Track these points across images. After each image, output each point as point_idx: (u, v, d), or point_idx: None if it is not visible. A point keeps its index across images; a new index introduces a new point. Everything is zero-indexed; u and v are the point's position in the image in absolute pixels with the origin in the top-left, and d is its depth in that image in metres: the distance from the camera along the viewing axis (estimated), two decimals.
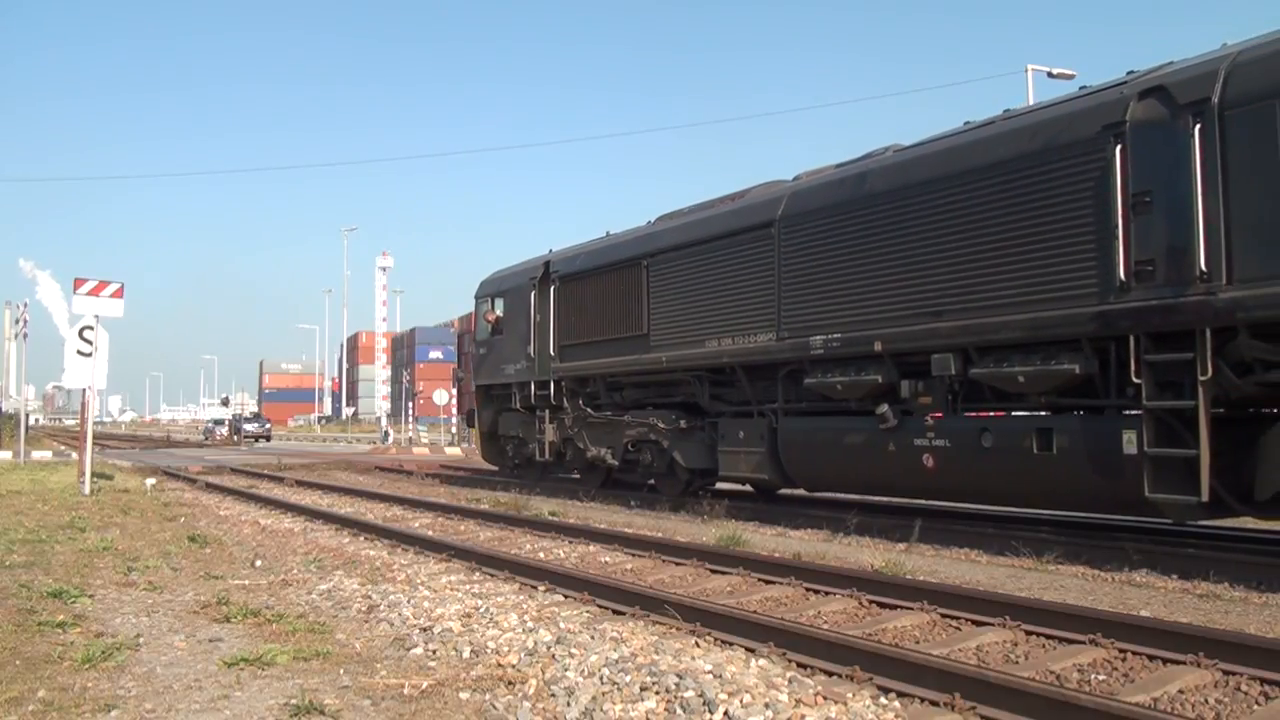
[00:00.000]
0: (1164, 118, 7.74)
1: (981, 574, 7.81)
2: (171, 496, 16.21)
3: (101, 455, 28.84)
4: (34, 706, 4.29)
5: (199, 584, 7.65)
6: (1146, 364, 7.73)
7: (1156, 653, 4.99)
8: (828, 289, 10.75)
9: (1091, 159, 8.18)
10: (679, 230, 13.62)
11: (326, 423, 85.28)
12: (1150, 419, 7.69)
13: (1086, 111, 8.46)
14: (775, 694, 4.30)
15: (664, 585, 7.48)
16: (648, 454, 14.40)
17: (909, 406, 10.06)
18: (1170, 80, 7.84)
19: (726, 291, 12.22)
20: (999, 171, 8.96)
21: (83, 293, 15.53)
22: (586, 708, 4.28)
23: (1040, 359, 8.63)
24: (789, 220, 11.37)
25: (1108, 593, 7.08)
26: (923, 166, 9.93)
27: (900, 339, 9.85)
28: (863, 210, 10.39)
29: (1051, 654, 5.22)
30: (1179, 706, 4.37)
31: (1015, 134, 9.07)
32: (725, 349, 12.16)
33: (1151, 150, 7.78)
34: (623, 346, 14.19)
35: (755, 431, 12.04)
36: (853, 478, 11.38)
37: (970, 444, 9.33)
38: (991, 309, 8.94)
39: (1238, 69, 7.43)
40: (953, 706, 4.19)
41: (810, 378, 11.08)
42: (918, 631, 5.89)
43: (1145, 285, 7.75)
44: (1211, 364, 7.34)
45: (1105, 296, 8.01)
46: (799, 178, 12.33)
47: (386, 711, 4.35)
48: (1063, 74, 25.93)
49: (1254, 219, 7.13)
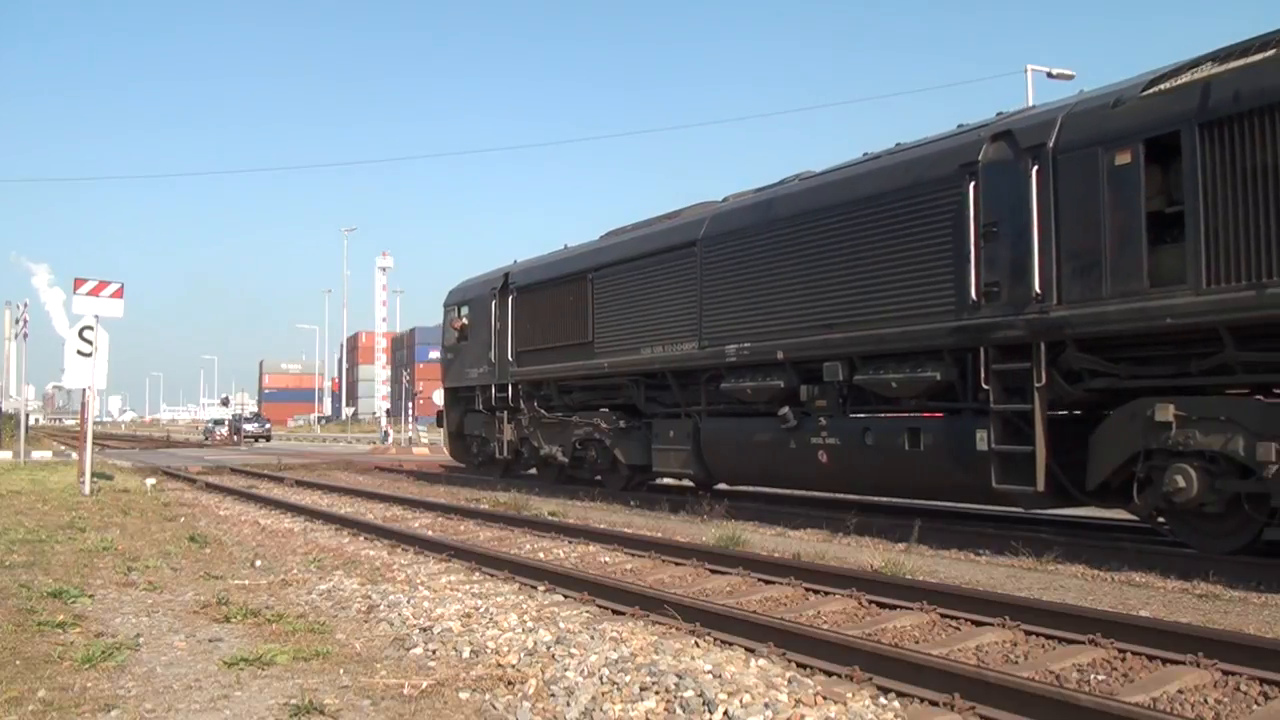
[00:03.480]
0: (1010, 159, 8.88)
1: (981, 574, 7.81)
2: (171, 496, 16.21)
3: (101, 455, 28.85)
4: (34, 706, 4.29)
5: (199, 584, 7.66)
6: (994, 372, 8.92)
7: (1156, 653, 4.99)
8: (740, 303, 12.00)
9: (951, 193, 9.36)
10: (620, 247, 14.88)
11: (326, 423, 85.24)
12: (997, 420, 8.89)
13: (949, 152, 9.63)
14: (775, 694, 4.30)
15: (664, 585, 7.48)
16: (593, 451, 15.66)
17: (807, 409, 11.24)
18: (1016, 126, 8.98)
19: (658, 303, 13.51)
20: (878, 202, 10.18)
21: (83, 293, 15.51)
22: (586, 708, 4.28)
23: (910, 367, 9.89)
24: (709, 240, 12.62)
25: (1107, 593, 7.08)
26: (818, 195, 11.21)
27: (799, 349, 11.13)
28: (769, 233, 11.65)
29: (1051, 654, 5.22)
30: (1178, 706, 4.37)
31: (893, 169, 10.26)
32: (657, 356, 13.46)
33: (999, 187, 8.93)
34: (571, 353, 15.47)
35: (683, 431, 13.33)
36: (763, 472, 12.68)
37: (855, 442, 10.58)
38: (872, 323, 10.18)
39: (1070, 118, 8.53)
40: (952, 706, 4.19)
41: (726, 383, 12.33)
42: (917, 631, 5.90)
43: (993, 304, 8.94)
44: (1045, 373, 8.51)
45: (961, 313, 9.22)
46: (727, 199, 13.54)
47: (386, 711, 4.35)
48: (1062, 74, 25.97)
49: (1078, 248, 8.26)
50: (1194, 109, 7.53)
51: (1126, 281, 7.90)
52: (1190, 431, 7.61)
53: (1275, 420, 7.15)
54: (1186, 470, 7.64)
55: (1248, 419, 7.31)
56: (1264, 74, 7.19)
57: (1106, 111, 8.26)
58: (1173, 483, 7.70)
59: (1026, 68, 26.14)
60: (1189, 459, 7.67)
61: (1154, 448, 7.88)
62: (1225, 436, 7.40)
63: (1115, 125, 8.10)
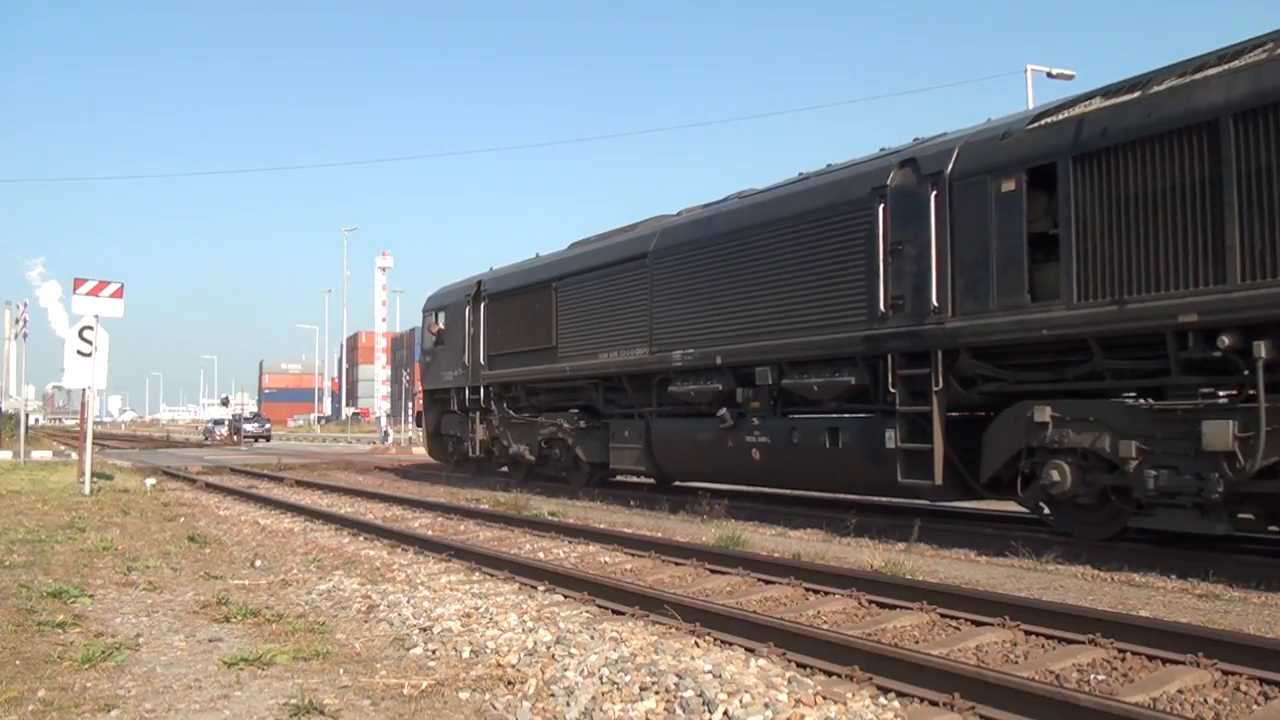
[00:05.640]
0: (913, 184, 9.72)
1: (981, 574, 7.81)
2: (171, 496, 16.21)
3: (101, 455, 28.83)
4: (34, 706, 4.29)
5: (199, 584, 7.65)
6: (900, 377, 9.77)
7: (1156, 653, 4.99)
8: (685, 312, 12.96)
9: (865, 214, 10.23)
10: (582, 257, 15.87)
11: (326, 423, 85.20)
12: (903, 420, 9.75)
13: (863, 176, 10.47)
14: (775, 694, 4.30)
15: (664, 585, 7.48)
16: (557, 450, 16.65)
17: (743, 409, 12.12)
18: (920, 154, 9.84)
19: (615, 311, 14.46)
20: (803, 220, 11.11)
21: (83, 293, 15.52)
22: (586, 708, 4.28)
23: (829, 372, 10.80)
24: (659, 253, 13.59)
25: (1107, 593, 7.08)
26: (752, 213, 12.14)
27: (735, 354, 12.01)
28: (710, 247, 12.60)
29: (1051, 654, 5.22)
30: (1178, 706, 4.37)
31: (817, 190, 11.20)
32: (613, 360, 14.38)
33: (905, 209, 9.78)
34: (537, 357, 16.40)
35: (636, 431, 14.28)
36: (705, 468, 13.76)
37: (784, 440, 11.47)
38: (797, 331, 11.08)
39: (966, 148, 9.36)
40: (952, 706, 4.19)
41: (674, 385, 13.32)
42: (917, 631, 5.89)
43: (898, 315, 9.79)
44: (942, 378, 9.37)
45: (871, 324, 10.08)
46: (681, 213, 14.45)
47: (386, 711, 4.35)
48: (1062, 74, 25.95)
49: (970, 266, 9.11)
50: (1069, 142, 8.38)
51: (1011, 296, 8.77)
52: (1065, 431, 8.43)
53: (1135, 421, 7.97)
54: (1061, 466, 8.46)
55: (1112, 420, 8.13)
56: (1128, 113, 8.02)
57: (996, 143, 9.12)
58: (1049, 477, 8.52)
59: (1026, 68, 26.13)
60: (1064, 455, 8.49)
61: (1035, 445, 8.71)
62: (1094, 435, 8.22)
63: (1002, 155, 8.96)
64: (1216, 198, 7.33)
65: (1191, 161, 7.52)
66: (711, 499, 11.77)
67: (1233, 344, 7.24)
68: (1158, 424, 7.78)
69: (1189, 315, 7.46)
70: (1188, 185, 7.54)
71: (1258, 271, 7.09)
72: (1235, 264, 7.20)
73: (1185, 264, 7.53)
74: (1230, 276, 7.23)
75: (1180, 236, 7.57)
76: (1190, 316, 7.46)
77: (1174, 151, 7.64)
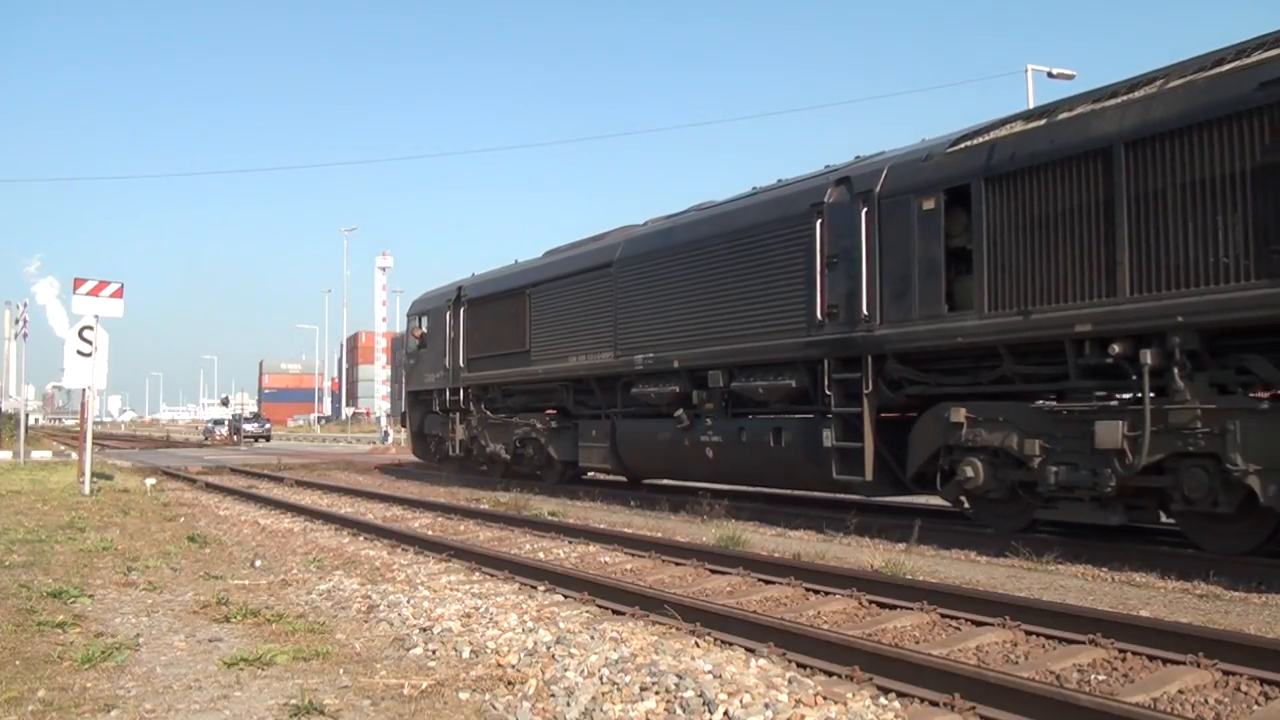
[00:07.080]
0: (847, 201, 10.43)
1: (981, 574, 7.81)
2: (171, 496, 16.21)
3: (101, 455, 28.84)
4: (34, 706, 4.29)
5: (199, 584, 7.65)
6: (834, 380, 10.49)
7: (1156, 653, 4.99)
8: (647, 318, 13.67)
9: (805, 228, 10.93)
10: (553, 265, 16.58)
11: (326, 423, 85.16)
12: (838, 420, 10.46)
13: (805, 192, 11.21)
14: (775, 694, 4.30)
15: (664, 585, 7.48)
16: (531, 449, 17.37)
17: (698, 410, 12.84)
18: (853, 174, 10.56)
19: (583, 317, 15.16)
20: (751, 233, 11.84)
21: (82, 293, 15.51)
22: (586, 708, 4.28)
23: (773, 376, 11.52)
24: (623, 262, 14.30)
25: (1107, 593, 7.08)
26: (707, 225, 12.92)
27: (691, 358, 12.74)
28: (669, 257, 13.35)
29: (1051, 654, 5.22)
30: (1179, 707, 4.37)
31: (764, 204, 11.95)
32: (581, 364, 15.10)
33: (839, 224, 10.50)
34: (513, 360, 17.11)
35: (603, 431, 14.97)
36: (665, 466, 14.55)
37: (734, 439, 12.17)
38: (744, 337, 11.80)
39: (893, 169, 10.04)
40: (952, 706, 4.18)
41: (636, 388, 14.03)
42: (918, 631, 5.89)
43: (833, 323, 10.51)
44: (872, 381, 10.07)
45: (810, 331, 10.79)
46: (647, 223, 15.11)
47: (386, 711, 4.35)
48: (1062, 74, 25.95)
49: (896, 278, 9.79)
50: (981, 165, 9.04)
51: (931, 306, 9.45)
52: (978, 430, 9.09)
53: (1040, 422, 8.59)
54: (975, 463, 9.12)
55: (1019, 420, 8.77)
56: (1034, 139, 8.64)
57: (920, 164, 9.79)
58: (964, 473, 9.19)
59: (1026, 68, 26.13)
60: (977, 453, 9.15)
61: (952, 444, 9.36)
62: (1003, 434, 8.86)
63: (924, 176, 9.65)
64: (1110, 218, 7.98)
65: (1088, 185, 8.16)
66: (711, 499, 11.78)
67: (1123, 351, 7.87)
68: (1058, 424, 8.44)
69: (1084, 325, 8.13)
70: (1084, 206, 8.20)
71: (1145, 285, 7.75)
72: (1125, 279, 7.86)
73: (1082, 278, 8.19)
74: (1121, 290, 7.89)
75: (1078, 253, 8.23)
76: (1085, 326, 8.13)
77: (1073, 175, 8.28)
